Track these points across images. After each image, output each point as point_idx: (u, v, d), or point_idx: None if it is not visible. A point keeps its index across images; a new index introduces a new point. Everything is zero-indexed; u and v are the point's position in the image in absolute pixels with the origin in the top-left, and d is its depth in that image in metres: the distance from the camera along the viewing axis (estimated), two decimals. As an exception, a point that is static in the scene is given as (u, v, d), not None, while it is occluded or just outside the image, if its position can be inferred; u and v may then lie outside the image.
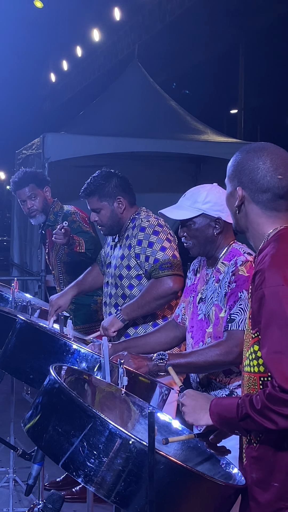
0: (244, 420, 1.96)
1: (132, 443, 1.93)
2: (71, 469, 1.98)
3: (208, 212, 2.79)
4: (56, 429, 2.02)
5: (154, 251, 3.47)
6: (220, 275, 2.78)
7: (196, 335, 2.85)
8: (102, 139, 8.25)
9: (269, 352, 1.91)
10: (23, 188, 4.57)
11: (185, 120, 9.18)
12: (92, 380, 2.47)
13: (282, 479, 2.00)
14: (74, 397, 2.01)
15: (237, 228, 2.20)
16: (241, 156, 2.13)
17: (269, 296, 1.92)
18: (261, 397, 1.91)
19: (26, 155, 9.20)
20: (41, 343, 2.80)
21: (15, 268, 10.31)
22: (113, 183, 3.61)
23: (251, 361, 2.05)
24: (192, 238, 2.83)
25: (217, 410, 2.06)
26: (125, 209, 3.61)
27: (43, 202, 4.60)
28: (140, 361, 2.75)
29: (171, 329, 3.11)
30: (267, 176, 2.07)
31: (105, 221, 3.62)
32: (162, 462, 1.92)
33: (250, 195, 2.10)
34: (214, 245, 2.83)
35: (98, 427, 1.95)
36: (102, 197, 3.60)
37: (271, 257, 1.98)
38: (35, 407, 2.14)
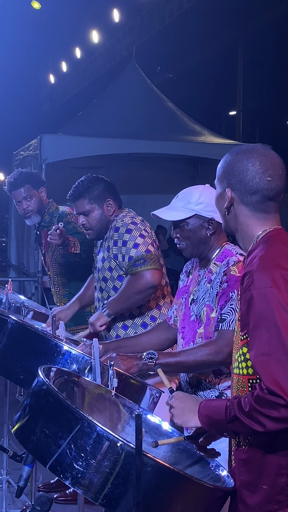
0: (233, 422, 1.95)
1: (119, 445, 1.92)
2: (59, 471, 1.97)
3: (201, 213, 2.78)
4: (43, 431, 2.01)
5: (128, 249, 3.46)
6: (212, 275, 2.77)
7: (187, 335, 2.84)
8: (99, 141, 8.26)
9: (257, 354, 1.90)
10: (18, 188, 4.56)
11: (182, 122, 9.19)
12: (82, 382, 2.46)
13: (271, 482, 2.00)
14: (61, 399, 2.00)
15: (227, 230, 2.19)
16: (230, 157, 2.13)
17: (257, 298, 1.92)
18: (249, 400, 1.91)
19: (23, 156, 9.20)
20: (32, 344, 2.79)
21: (12, 269, 10.31)
22: (102, 185, 3.61)
23: (240, 363, 2.04)
24: (185, 239, 2.83)
25: (206, 412, 2.05)
26: (114, 211, 3.60)
27: (38, 203, 4.59)
28: (130, 361, 2.74)
29: (162, 330, 3.11)
30: (256, 178, 2.06)
31: (94, 224, 3.61)
32: (149, 465, 1.91)
33: (239, 197, 2.09)
34: (207, 246, 2.82)
35: (86, 429, 1.94)
36: (91, 199, 3.58)
37: (260, 259, 1.98)
38: (23, 409, 2.13)
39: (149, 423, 2.47)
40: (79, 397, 2.42)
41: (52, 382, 2.27)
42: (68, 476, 1.96)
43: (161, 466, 1.94)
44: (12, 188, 4.58)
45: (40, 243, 4.83)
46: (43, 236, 4.70)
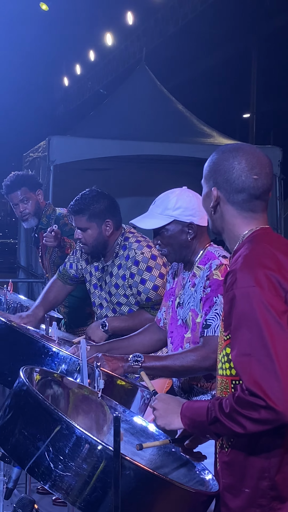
0: (214, 424, 1.92)
1: (99, 448, 1.89)
2: (37, 473, 1.94)
3: (180, 218, 2.73)
4: (22, 432, 1.98)
5: (147, 289, 3.43)
6: (195, 279, 2.73)
7: (175, 340, 2.81)
8: (108, 142, 8.23)
9: (238, 355, 1.86)
10: (15, 191, 4.53)
11: (191, 124, 9.15)
12: (67, 382, 2.43)
13: (253, 485, 1.96)
14: (40, 400, 1.97)
15: (213, 230, 2.15)
16: (217, 156, 2.09)
17: (240, 297, 1.88)
18: (230, 401, 1.87)
19: (33, 157, 9.21)
20: (20, 345, 2.76)
21: (21, 270, 10.32)
22: (104, 204, 3.51)
23: (223, 364, 2.01)
24: (166, 245, 2.78)
25: (188, 414, 2.02)
26: (112, 232, 3.54)
27: (35, 205, 4.55)
28: (115, 363, 2.71)
29: (154, 331, 3.07)
30: (242, 176, 2.02)
31: (90, 241, 3.53)
32: (129, 468, 1.88)
33: (225, 196, 2.05)
34: (189, 250, 2.78)
35: (65, 431, 1.91)
36: (91, 217, 3.50)
37: (244, 258, 1.94)
38: (3, 410, 2.10)
39: (136, 425, 2.43)
40: (64, 398, 2.39)
41: (35, 383, 2.24)
42: (47, 479, 1.93)
43: (141, 470, 1.90)
44: (8, 191, 4.55)
45: (37, 245, 4.81)
46: (41, 239, 4.68)
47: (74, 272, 3.86)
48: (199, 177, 2.22)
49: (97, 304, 3.71)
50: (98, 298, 3.70)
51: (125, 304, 3.55)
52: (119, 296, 3.56)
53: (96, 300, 3.71)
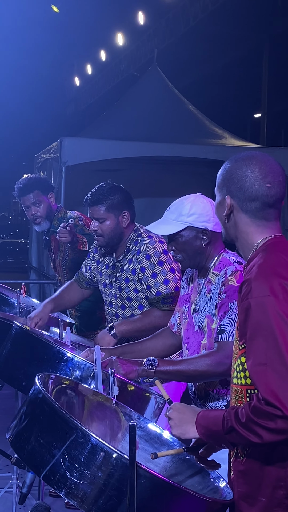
0: (230, 433, 1.92)
1: (115, 456, 1.89)
2: (52, 481, 1.94)
3: (194, 224, 2.74)
4: (38, 440, 1.99)
5: (157, 284, 3.44)
6: (211, 285, 2.74)
7: (191, 346, 2.81)
8: (120, 144, 8.23)
9: (254, 364, 1.87)
10: (27, 194, 4.55)
11: (203, 125, 9.13)
12: (82, 389, 2.44)
13: (269, 494, 1.96)
14: (56, 408, 1.97)
15: (227, 238, 2.15)
16: (230, 164, 2.09)
17: (255, 307, 1.88)
18: (246, 410, 1.87)
19: (44, 159, 9.22)
20: (35, 350, 2.77)
21: (33, 271, 10.34)
22: (120, 196, 3.56)
23: (239, 373, 2.01)
24: (181, 251, 2.79)
25: (204, 423, 2.02)
26: (128, 224, 3.57)
27: (47, 208, 4.56)
28: (129, 366, 2.71)
29: (167, 336, 3.08)
30: (256, 185, 2.03)
31: (107, 232, 3.56)
32: (144, 477, 1.88)
33: (238, 204, 2.05)
34: (204, 256, 2.78)
35: (80, 439, 1.92)
36: (109, 208, 3.53)
37: (259, 267, 1.94)
38: (19, 417, 2.11)
39: (150, 432, 2.44)
40: (79, 405, 2.40)
41: (51, 390, 2.25)
42: (62, 487, 1.93)
43: (156, 479, 1.91)
44: (21, 194, 4.57)
45: (49, 248, 4.82)
46: (52, 242, 4.68)
47: (88, 275, 3.90)
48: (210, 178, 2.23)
49: (107, 302, 3.73)
50: (108, 296, 3.72)
51: (135, 299, 3.56)
52: (129, 291, 3.57)
53: (107, 298, 3.73)
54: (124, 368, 2.69)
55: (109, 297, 3.71)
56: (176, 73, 13.88)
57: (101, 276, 3.77)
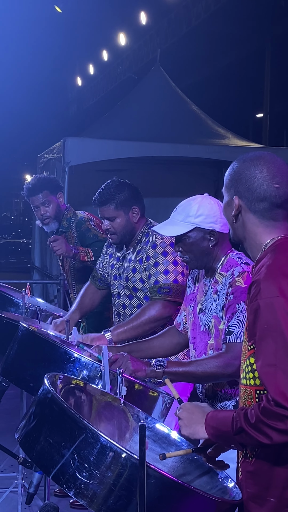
0: (239, 434, 1.92)
1: (124, 456, 1.89)
2: (62, 481, 1.94)
3: (201, 225, 2.74)
4: (47, 440, 1.99)
5: (157, 272, 3.45)
6: (218, 286, 2.74)
7: (198, 346, 2.82)
8: (123, 144, 8.23)
9: (263, 365, 1.87)
10: (36, 194, 4.55)
11: (206, 125, 9.13)
12: (90, 389, 2.44)
13: (279, 495, 1.96)
14: (65, 408, 1.97)
15: (235, 238, 2.16)
16: (238, 165, 2.10)
17: (264, 307, 1.88)
18: (255, 411, 1.87)
19: (47, 159, 9.23)
20: (42, 351, 2.77)
21: (36, 271, 10.35)
22: (128, 192, 3.58)
23: (247, 374, 2.01)
24: (188, 252, 2.79)
25: (213, 423, 2.02)
26: (139, 219, 3.59)
27: (56, 208, 4.57)
28: (139, 364, 2.72)
29: (174, 335, 3.08)
30: (264, 185, 2.03)
31: (119, 229, 3.59)
32: (153, 476, 1.88)
33: (247, 204, 2.06)
34: (211, 257, 2.78)
35: (90, 439, 1.92)
36: (118, 206, 3.56)
37: (267, 268, 1.95)
38: (28, 417, 2.11)
39: (158, 432, 2.43)
40: (87, 405, 2.40)
41: (59, 390, 2.25)
42: (72, 487, 1.93)
43: (165, 478, 1.90)
44: (30, 194, 4.57)
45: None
46: None
47: (101, 271, 3.94)
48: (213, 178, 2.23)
49: (115, 294, 3.76)
50: (116, 288, 3.75)
51: (140, 289, 3.58)
52: (135, 281, 3.59)
53: (115, 290, 3.76)
54: (133, 365, 2.70)
55: (117, 289, 3.73)
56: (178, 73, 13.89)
57: (112, 269, 3.80)
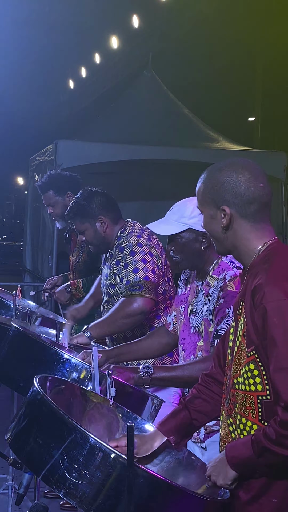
0: (262, 455, 1.91)
1: (113, 457, 1.91)
2: (51, 482, 1.96)
3: (195, 227, 2.76)
4: (37, 441, 2.00)
5: (127, 273, 3.48)
6: (209, 289, 2.75)
7: (188, 347, 2.83)
8: (114, 146, 8.27)
9: (274, 370, 1.88)
10: (47, 192, 4.59)
11: (197, 128, 9.18)
12: (80, 391, 2.46)
13: (281, 495, 1.97)
14: (55, 409, 1.99)
15: (221, 250, 2.13)
16: (214, 176, 2.07)
17: (271, 311, 1.89)
18: (273, 427, 1.87)
19: (39, 161, 9.25)
20: (32, 352, 2.79)
21: (27, 274, 10.35)
22: (94, 203, 3.62)
23: (246, 380, 2.00)
24: (180, 252, 2.81)
25: (233, 454, 1.99)
26: (107, 227, 3.62)
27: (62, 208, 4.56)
28: (126, 375, 2.74)
29: (163, 335, 3.09)
30: (251, 187, 2.03)
31: (90, 240, 3.67)
32: (142, 476, 1.90)
33: (237, 211, 2.05)
34: (202, 259, 2.80)
35: (79, 440, 1.93)
36: (83, 219, 3.63)
37: (267, 273, 1.95)
38: (18, 419, 2.12)
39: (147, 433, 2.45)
40: (76, 406, 2.42)
41: (49, 391, 2.27)
42: (61, 487, 1.94)
43: (154, 478, 1.92)
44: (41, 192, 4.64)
45: (70, 244, 4.83)
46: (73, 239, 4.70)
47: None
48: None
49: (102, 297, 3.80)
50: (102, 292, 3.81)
51: (113, 294, 3.61)
52: (107, 287, 3.65)
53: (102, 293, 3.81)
54: (121, 377, 2.72)
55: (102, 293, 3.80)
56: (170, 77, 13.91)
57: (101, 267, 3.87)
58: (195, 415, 2.26)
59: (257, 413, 1.97)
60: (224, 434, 2.12)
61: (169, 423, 2.26)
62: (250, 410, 1.99)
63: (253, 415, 1.98)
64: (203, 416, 2.26)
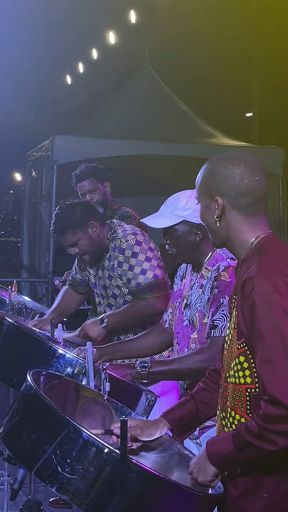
0: (243, 449, 1.90)
1: (106, 451, 1.91)
2: (44, 476, 1.96)
3: (189, 219, 2.76)
4: (30, 436, 2.00)
5: (135, 275, 3.48)
6: (203, 280, 2.76)
7: (181, 341, 2.83)
8: (111, 142, 8.25)
9: (260, 362, 1.88)
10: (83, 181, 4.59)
11: (195, 124, 9.16)
12: (74, 386, 2.45)
13: (271, 490, 1.97)
14: (48, 404, 1.99)
15: (216, 242, 2.14)
16: (211, 166, 2.09)
17: (260, 304, 1.89)
18: (256, 421, 1.87)
19: (36, 157, 9.23)
20: (26, 347, 2.79)
21: (24, 270, 10.34)
22: (79, 211, 3.59)
23: (236, 372, 2.00)
24: (175, 245, 2.82)
25: (213, 449, 1.99)
26: (100, 230, 3.61)
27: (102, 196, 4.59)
28: (122, 371, 2.73)
29: (158, 333, 3.09)
30: (245, 179, 2.04)
31: (86, 249, 3.61)
32: (135, 471, 1.89)
33: (230, 202, 2.05)
34: (198, 251, 2.80)
35: (72, 435, 1.93)
36: (75, 230, 3.58)
37: (259, 265, 1.95)
38: (11, 413, 2.12)
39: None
40: (70, 401, 2.41)
41: (42, 386, 2.26)
42: (54, 482, 1.94)
43: (147, 473, 1.92)
44: (77, 181, 4.63)
45: None
46: None
47: (80, 276, 3.91)
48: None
49: (97, 302, 3.76)
50: (96, 296, 3.76)
51: (119, 295, 3.60)
52: (113, 288, 3.61)
53: (95, 298, 3.77)
54: (117, 373, 2.71)
55: (97, 298, 3.75)
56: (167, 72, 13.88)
57: (90, 276, 3.80)
58: (200, 406, 2.27)
59: (245, 406, 1.97)
60: (219, 429, 2.12)
61: (175, 412, 2.27)
62: (239, 403, 1.99)
63: (242, 408, 1.98)
64: (208, 408, 2.27)
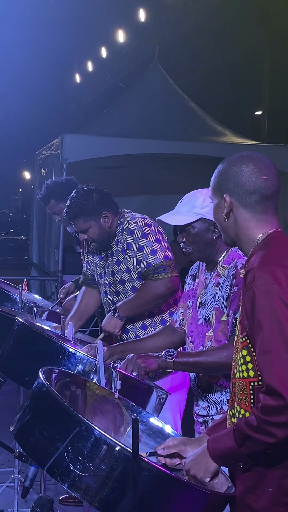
0: (244, 443, 1.91)
1: (117, 449, 1.91)
2: (56, 473, 1.96)
3: (207, 216, 2.77)
4: (42, 433, 2.01)
5: (145, 256, 3.49)
6: (220, 278, 2.76)
7: (196, 339, 2.84)
8: (121, 141, 8.25)
9: (259, 352, 1.89)
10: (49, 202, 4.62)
11: (204, 122, 9.14)
12: (85, 383, 2.46)
13: (276, 484, 1.97)
14: (60, 401, 2.00)
15: (227, 240, 2.17)
16: (223, 165, 2.14)
17: (260, 295, 1.90)
18: (255, 414, 1.88)
19: (45, 155, 9.24)
20: (37, 345, 2.80)
21: (33, 268, 10.36)
22: (95, 199, 3.59)
23: (240, 366, 2.02)
24: (192, 243, 2.82)
25: (215, 445, 1.99)
26: (112, 221, 3.62)
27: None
28: (148, 358, 2.74)
29: (168, 334, 3.09)
30: (252, 177, 2.06)
31: (95, 237, 3.63)
32: (146, 469, 1.90)
33: (237, 200, 2.08)
34: (214, 249, 2.82)
35: (84, 432, 1.94)
36: (87, 217, 3.59)
37: (261, 258, 1.98)
38: (23, 410, 2.13)
39: (152, 426, 2.46)
40: (81, 399, 2.42)
41: (54, 384, 2.27)
42: (66, 479, 1.95)
43: (158, 471, 1.92)
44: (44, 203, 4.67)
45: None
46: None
47: (90, 272, 3.92)
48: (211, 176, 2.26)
49: (103, 292, 3.78)
50: (103, 286, 3.77)
51: (127, 280, 3.60)
52: (121, 273, 3.61)
53: (102, 288, 3.78)
54: (143, 361, 2.72)
55: (104, 287, 3.76)
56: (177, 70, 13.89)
57: (97, 267, 3.81)
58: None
59: (249, 400, 1.98)
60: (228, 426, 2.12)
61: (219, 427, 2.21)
62: (243, 397, 2.00)
63: (246, 403, 1.99)
64: None
